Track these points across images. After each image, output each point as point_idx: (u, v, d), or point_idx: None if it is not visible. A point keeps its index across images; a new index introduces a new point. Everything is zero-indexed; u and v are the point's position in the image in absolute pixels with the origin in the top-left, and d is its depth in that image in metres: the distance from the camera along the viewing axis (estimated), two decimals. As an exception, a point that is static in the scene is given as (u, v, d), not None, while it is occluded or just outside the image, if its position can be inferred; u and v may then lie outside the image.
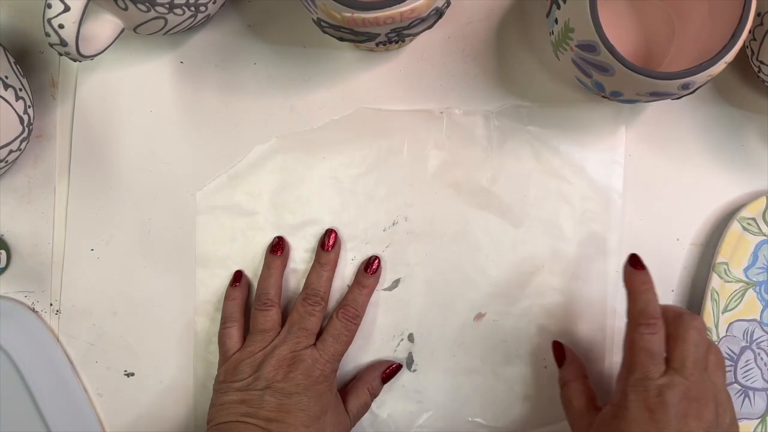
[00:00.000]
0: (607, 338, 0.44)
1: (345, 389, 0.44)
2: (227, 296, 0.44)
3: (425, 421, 0.45)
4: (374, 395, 0.43)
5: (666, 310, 0.38)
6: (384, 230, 0.45)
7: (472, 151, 0.45)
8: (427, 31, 0.40)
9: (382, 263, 0.45)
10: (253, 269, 0.45)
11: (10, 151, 0.39)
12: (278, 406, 0.39)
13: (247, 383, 0.40)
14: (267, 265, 0.44)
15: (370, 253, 0.45)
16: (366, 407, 0.43)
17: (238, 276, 0.44)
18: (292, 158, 0.45)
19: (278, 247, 0.44)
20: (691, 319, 0.37)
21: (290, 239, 0.45)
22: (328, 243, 0.43)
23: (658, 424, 0.34)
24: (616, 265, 0.44)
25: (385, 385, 0.44)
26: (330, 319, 0.43)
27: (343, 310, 0.43)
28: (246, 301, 0.44)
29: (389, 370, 0.44)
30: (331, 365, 0.41)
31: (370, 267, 0.44)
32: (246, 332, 0.43)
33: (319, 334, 0.42)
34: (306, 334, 0.41)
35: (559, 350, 0.43)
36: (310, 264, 0.44)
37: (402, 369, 0.45)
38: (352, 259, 0.45)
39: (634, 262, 0.38)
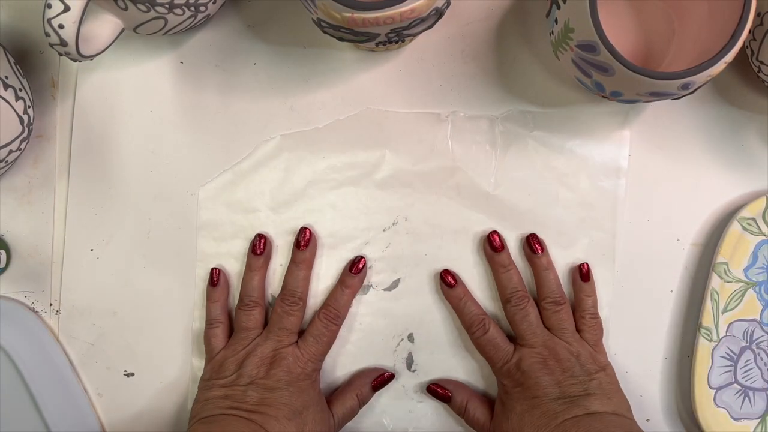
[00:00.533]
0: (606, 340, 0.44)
1: (334, 392, 0.44)
2: (209, 297, 0.44)
3: (424, 422, 0.45)
4: (363, 402, 0.44)
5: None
6: (384, 230, 0.45)
7: (475, 155, 0.45)
8: (427, 32, 0.40)
9: (382, 264, 0.45)
10: (253, 269, 0.45)
11: (10, 151, 0.39)
12: (260, 400, 0.40)
13: (231, 380, 0.41)
14: (249, 267, 0.44)
15: (370, 253, 0.45)
16: (353, 413, 0.43)
17: (216, 275, 0.44)
18: (295, 156, 0.45)
19: (258, 247, 0.43)
20: (515, 303, 0.42)
21: (290, 238, 0.45)
22: (303, 240, 0.43)
23: (531, 389, 0.40)
24: (618, 269, 0.44)
25: (386, 385, 0.44)
26: (312, 318, 0.43)
27: (324, 311, 0.43)
28: (228, 299, 0.45)
29: (381, 379, 0.44)
30: (312, 364, 0.42)
31: (355, 266, 0.44)
32: (231, 331, 0.44)
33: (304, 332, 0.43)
34: (287, 333, 0.42)
35: (437, 390, 0.44)
36: (310, 264, 0.44)
37: (401, 371, 0.45)
38: (352, 259, 0.45)
39: (447, 279, 0.44)
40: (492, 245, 0.43)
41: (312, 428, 0.40)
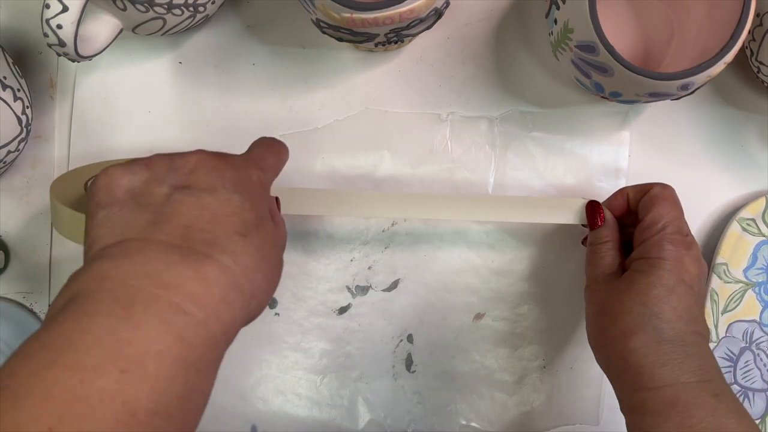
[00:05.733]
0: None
1: None
2: None
3: (423, 423, 0.45)
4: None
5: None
6: (383, 231, 0.45)
7: (475, 155, 0.45)
8: (426, 32, 0.40)
9: (382, 264, 0.44)
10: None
11: (9, 152, 0.39)
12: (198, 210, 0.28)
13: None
14: None
15: (369, 253, 0.45)
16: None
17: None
18: (293, 156, 0.45)
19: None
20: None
21: (290, 236, 0.44)
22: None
23: (691, 276, 0.35)
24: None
25: (384, 386, 0.44)
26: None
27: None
28: None
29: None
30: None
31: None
32: None
33: None
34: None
35: (594, 210, 0.40)
36: (308, 261, 0.44)
37: (400, 372, 0.45)
38: (351, 260, 0.45)
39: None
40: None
41: None
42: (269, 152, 0.34)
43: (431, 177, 0.44)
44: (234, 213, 0.28)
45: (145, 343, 0.24)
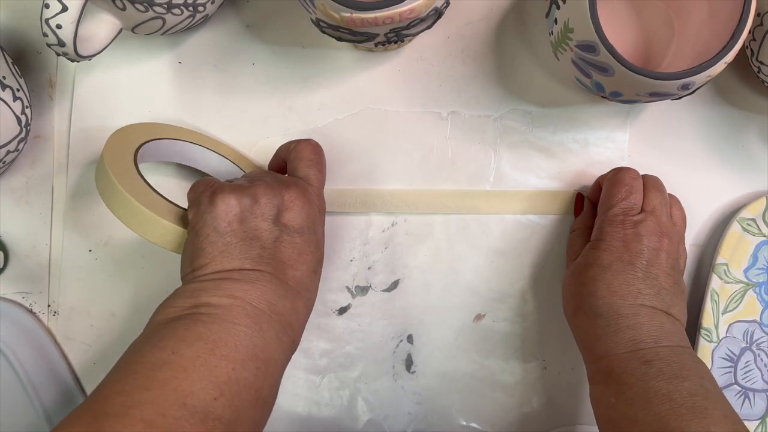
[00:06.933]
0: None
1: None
2: None
3: (423, 424, 0.45)
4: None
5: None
6: (383, 231, 0.45)
7: (475, 154, 0.45)
8: (426, 32, 0.40)
9: (382, 264, 0.44)
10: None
11: (8, 152, 0.39)
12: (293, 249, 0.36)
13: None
14: None
15: (369, 253, 0.45)
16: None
17: None
18: None
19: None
20: (655, 178, 0.40)
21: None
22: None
23: (632, 253, 0.37)
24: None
25: (384, 386, 0.44)
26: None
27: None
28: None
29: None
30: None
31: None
32: None
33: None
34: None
35: (579, 201, 0.43)
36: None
37: (400, 372, 0.45)
38: (351, 260, 0.45)
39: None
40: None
41: None
42: (318, 169, 0.40)
43: (431, 176, 0.44)
44: (312, 252, 0.36)
45: (269, 352, 0.32)
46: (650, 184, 0.40)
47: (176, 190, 0.44)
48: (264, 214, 0.35)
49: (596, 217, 0.40)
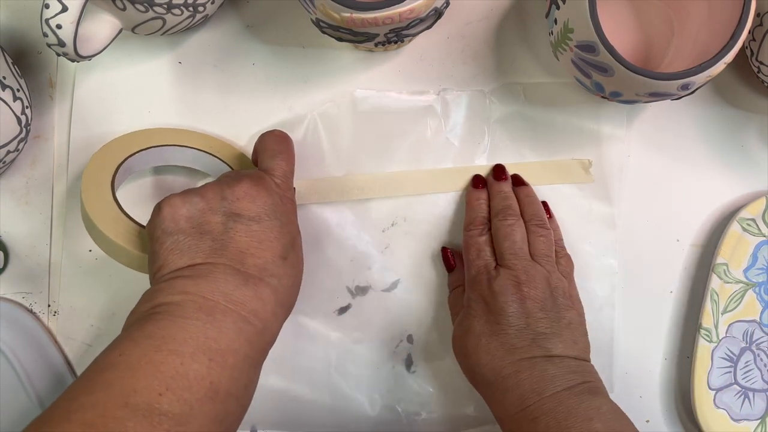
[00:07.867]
0: (608, 331, 0.44)
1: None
2: None
3: (423, 424, 0.45)
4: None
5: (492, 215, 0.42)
6: (383, 231, 0.45)
7: (475, 154, 0.45)
8: (426, 32, 0.40)
9: (381, 264, 0.44)
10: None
11: (8, 152, 0.39)
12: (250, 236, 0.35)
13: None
14: None
15: (369, 253, 0.45)
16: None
17: None
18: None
19: None
20: (503, 217, 0.40)
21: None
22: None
23: (495, 313, 0.37)
24: (618, 270, 0.44)
25: (383, 386, 0.44)
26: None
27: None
28: None
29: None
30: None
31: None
32: None
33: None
34: None
35: (445, 257, 0.44)
36: (307, 262, 0.44)
37: (400, 372, 0.45)
38: (351, 260, 0.45)
39: (477, 182, 0.43)
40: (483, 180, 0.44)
41: None
42: (281, 158, 0.39)
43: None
44: (276, 238, 0.35)
45: (226, 343, 0.31)
46: (495, 229, 0.40)
47: (176, 190, 0.44)
48: (213, 208, 0.35)
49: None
